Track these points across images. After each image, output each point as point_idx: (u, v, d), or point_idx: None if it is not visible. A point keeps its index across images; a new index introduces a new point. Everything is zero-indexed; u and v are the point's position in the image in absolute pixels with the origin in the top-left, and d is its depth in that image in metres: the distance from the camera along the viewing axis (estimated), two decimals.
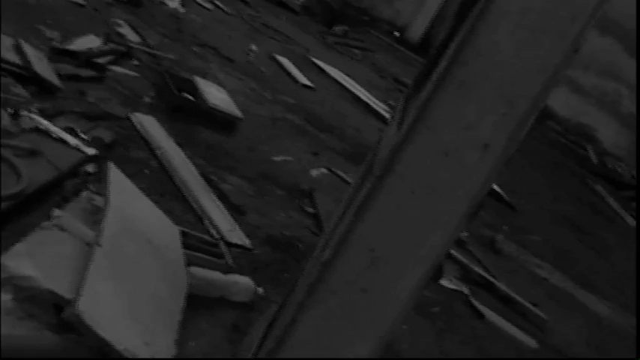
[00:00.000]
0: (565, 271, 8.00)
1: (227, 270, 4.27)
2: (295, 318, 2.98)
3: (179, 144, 5.63)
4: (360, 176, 3.68)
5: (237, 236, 4.81)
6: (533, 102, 2.71)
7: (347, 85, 9.90)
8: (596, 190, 13.27)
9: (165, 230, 4.15)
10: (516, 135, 2.74)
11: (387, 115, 9.61)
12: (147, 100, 6.15)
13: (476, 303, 5.82)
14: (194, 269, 4.02)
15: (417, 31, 15.62)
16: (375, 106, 9.68)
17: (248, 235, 4.94)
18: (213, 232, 4.74)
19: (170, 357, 3.31)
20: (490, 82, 2.70)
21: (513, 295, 6.39)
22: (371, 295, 2.95)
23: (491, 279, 6.37)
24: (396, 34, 15.27)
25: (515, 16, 2.65)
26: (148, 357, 3.17)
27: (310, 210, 5.83)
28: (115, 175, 4.10)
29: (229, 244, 4.67)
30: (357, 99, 9.68)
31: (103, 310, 3.11)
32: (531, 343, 5.85)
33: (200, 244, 4.38)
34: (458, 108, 2.72)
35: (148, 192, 4.65)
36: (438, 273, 3.21)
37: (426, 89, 2.75)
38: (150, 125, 5.64)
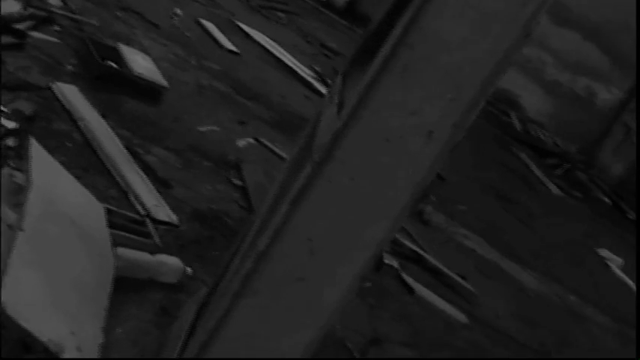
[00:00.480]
0: (492, 242, 8.01)
1: (154, 250, 4.13)
2: (230, 309, 2.86)
3: (103, 114, 5.44)
4: (296, 157, 3.56)
5: (164, 212, 4.66)
6: (481, 88, 2.62)
7: (272, 51, 9.74)
8: (520, 157, 13.34)
9: (90, 210, 3.99)
10: (463, 122, 2.65)
11: (313, 82, 9.48)
12: (69, 68, 5.93)
13: (406, 277, 5.76)
14: (121, 250, 3.87)
15: None
16: (301, 72, 9.54)
17: (174, 210, 4.80)
18: (139, 208, 4.58)
19: (97, 346, 3.17)
20: (436, 66, 2.60)
21: (442, 267, 6.35)
22: (308, 285, 2.85)
23: (421, 252, 6.32)
24: None
25: None
26: (75, 346, 3.03)
27: (238, 182, 5.70)
28: (36, 151, 3.91)
29: (155, 221, 4.52)
30: (282, 65, 9.52)
31: (26, 299, 2.95)
32: (461, 317, 5.83)
33: (126, 222, 4.22)
34: (402, 93, 2.62)
35: (71, 166, 4.48)
36: (379, 262, 3.14)
37: (369, 72, 2.63)
38: (72, 95, 5.43)
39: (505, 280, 7.34)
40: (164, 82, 6.33)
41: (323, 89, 9.42)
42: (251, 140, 6.64)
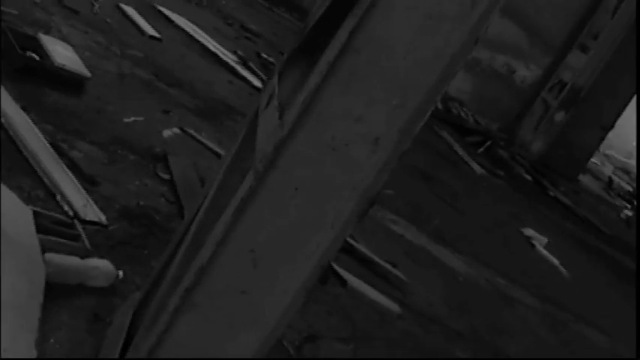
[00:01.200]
0: (420, 226, 7.99)
1: (84, 253, 4.00)
2: (171, 324, 2.75)
3: (24, 108, 5.26)
4: (233, 160, 3.45)
5: (92, 212, 4.52)
6: (428, 93, 2.55)
7: (195, 35, 9.57)
8: (443, 136, 13.38)
9: (17, 215, 3.84)
10: (410, 128, 2.58)
11: (236, 67, 9.34)
12: None
13: (338, 269, 5.69)
14: (49, 256, 3.73)
15: None
16: (224, 57, 9.40)
17: (103, 209, 4.66)
18: (67, 208, 4.43)
19: None
20: (382, 71, 2.52)
21: (373, 256, 6.31)
22: (252, 297, 2.76)
23: (352, 241, 6.26)
24: None
25: (411, 1, 2.47)
26: None
27: (165, 176, 5.56)
28: None
29: (84, 222, 4.38)
30: (205, 50, 9.37)
31: None
32: (394, 307, 5.79)
33: (54, 225, 4.08)
34: (348, 99, 2.53)
35: None
36: (325, 273, 3.03)
37: (313, 78, 2.54)
38: None
39: (435, 266, 7.33)
40: (87, 73, 6.16)
41: (247, 74, 9.29)
42: (176, 130, 6.50)
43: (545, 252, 10.39)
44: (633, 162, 25.45)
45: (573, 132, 16.16)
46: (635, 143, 24.93)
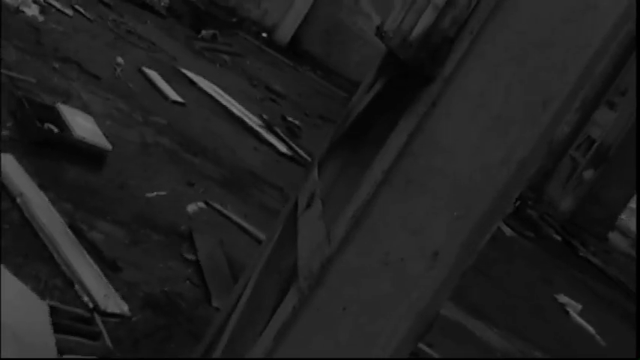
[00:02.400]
0: (456, 300, 7.66)
1: (105, 353, 3.70)
2: None
3: (42, 185, 5.00)
4: (267, 262, 3.17)
5: (114, 303, 4.23)
6: (494, 203, 2.25)
7: (219, 99, 9.33)
8: None
9: (32, 312, 3.55)
10: (474, 241, 2.27)
11: (261, 131, 9.09)
12: (4, 133, 5.47)
13: None
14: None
15: (285, 32, 15.14)
16: (249, 121, 9.15)
17: (125, 297, 4.37)
18: (87, 299, 4.14)
19: None
20: (443, 177, 2.22)
21: None
22: None
23: None
24: (264, 35, 14.74)
25: (476, 99, 2.18)
26: None
27: (190, 257, 5.27)
28: None
29: (105, 314, 4.09)
30: (230, 114, 9.12)
31: None
32: None
33: (72, 321, 3.79)
34: (404, 209, 2.24)
35: (10, 253, 4.06)
36: None
37: (365, 187, 2.25)
38: (9, 165, 4.98)
39: (472, 341, 6.99)
40: (107, 145, 5.90)
41: (272, 139, 9.04)
42: (201, 204, 6.22)
43: (580, 320, 10.03)
44: None
45: (603, 190, 15.83)
46: None
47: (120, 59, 8.55)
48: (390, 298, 2.31)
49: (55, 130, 5.71)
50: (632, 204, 18.92)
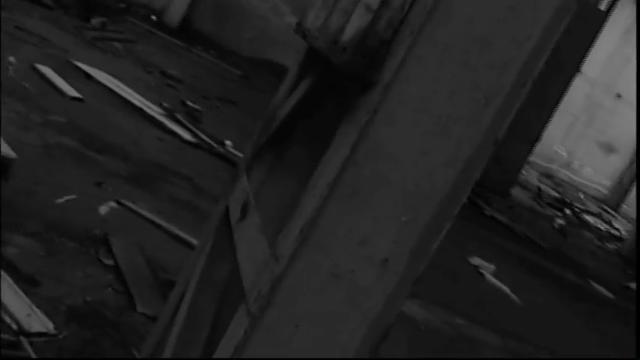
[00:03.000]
0: None
1: None
2: None
3: None
4: (202, 275, 3.07)
5: (38, 322, 4.08)
6: (442, 205, 2.19)
7: (117, 90, 9.12)
8: None
9: None
10: (423, 246, 2.22)
11: (164, 120, 8.92)
12: None
13: None
14: None
15: (175, 13, 14.89)
16: (149, 111, 8.97)
17: (48, 314, 4.22)
18: (9, 321, 3.98)
19: None
20: (389, 184, 2.16)
21: None
22: None
23: None
24: (154, 17, 14.47)
25: (418, 103, 2.12)
26: None
27: (109, 262, 5.13)
28: None
29: (30, 335, 3.94)
30: (130, 105, 8.91)
31: None
32: None
33: None
34: (350, 220, 2.17)
35: None
36: None
37: (310, 202, 2.17)
38: None
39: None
40: (11, 153, 5.67)
41: (175, 127, 8.87)
42: (113, 204, 6.06)
43: (494, 280, 10.16)
44: (554, 166, 25.50)
45: (503, 148, 15.94)
46: (555, 148, 25.02)
47: (12, 58, 8.26)
48: (342, 310, 2.25)
49: None
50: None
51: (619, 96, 24.85)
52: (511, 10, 2.10)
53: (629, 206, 25.31)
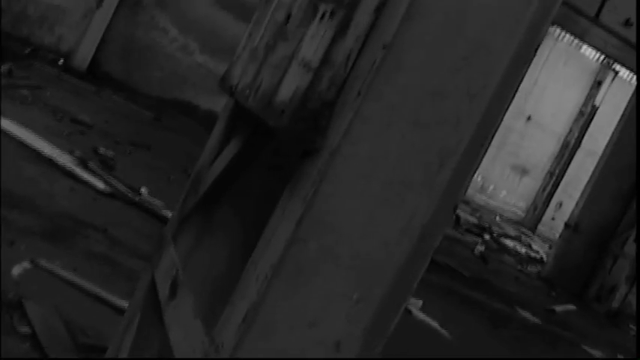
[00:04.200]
0: None
1: None
2: None
3: None
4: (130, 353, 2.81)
5: None
6: (396, 279, 1.99)
7: (27, 141, 8.75)
8: None
9: None
10: (379, 325, 2.01)
11: (76, 169, 8.58)
12: None
13: None
14: None
15: (83, 56, 14.52)
16: (61, 160, 8.62)
17: None
18: None
19: None
20: (337, 261, 1.94)
21: None
22: None
23: None
24: (61, 61, 14.09)
25: (367, 168, 1.91)
26: None
27: (25, 330, 4.80)
28: None
29: None
30: (40, 155, 8.56)
31: None
32: None
33: None
34: (297, 302, 1.94)
35: None
36: None
37: (253, 286, 1.95)
38: None
39: None
40: None
41: (88, 176, 8.54)
42: (26, 265, 5.72)
43: (422, 316, 10.00)
44: (470, 192, 25.62)
45: None
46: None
47: None
48: None
49: None
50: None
51: (529, 118, 25.12)
52: (464, 60, 1.90)
53: (544, 226, 25.58)
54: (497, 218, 24.57)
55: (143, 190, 8.89)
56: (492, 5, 1.91)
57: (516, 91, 1.98)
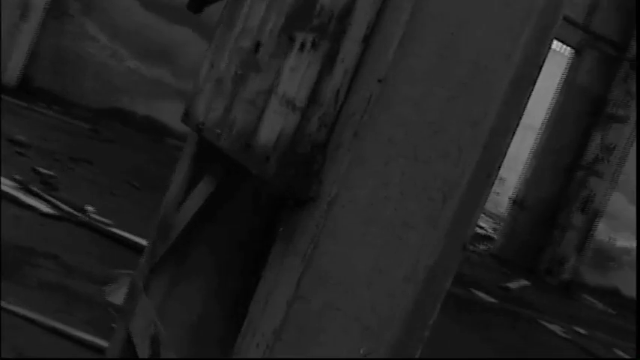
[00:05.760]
0: None
1: None
2: None
3: None
4: None
5: None
6: (405, 329, 1.82)
7: None
8: None
9: None
10: None
11: (17, 194, 8.28)
12: None
13: None
14: None
15: (12, 72, 14.14)
16: (2, 186, 8.31)
17: None
18: None
19: None
20: (341, 316, 1.78)
21: None
22: None
23: None
24: None
25: (366, 213, 1.74)
26: None
27: None
28: None
29: None
30: None
31: None
32: None
33: None
34: None
35: None
36: None
37: (249, 354, 1.76)
38: None
39: None
40: None
41: (32, 201, 8.25)
42: None
43: None
44: None
45: None
46: None
47: None
48: None
49: None
50: None
51: None
52: (463, 86, 1.73)
53: (488, 202, 25.59)
54: None
55: (89, 208, 8.63)
56: (488, 25, 1.75)
57: (521, 116, 1.81)
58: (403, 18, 1.65)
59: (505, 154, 1.79)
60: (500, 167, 1.77)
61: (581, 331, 13.21)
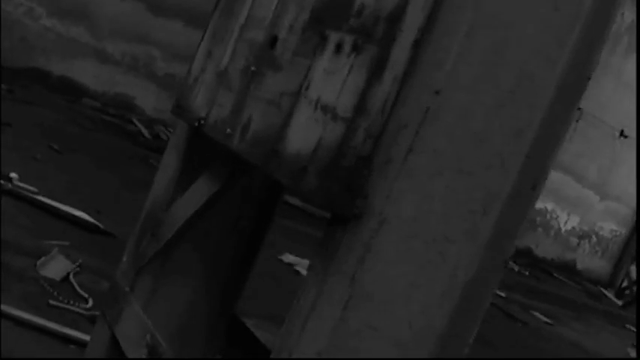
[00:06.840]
0: None
1: None
2: None
3: None
4: None
5: None
6: (439, 346, 1.75)
7: None
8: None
9: None
10: None
11: None
12: None
13: None
14: None
15: None
16: None
17: None
18: None
19: None
20: (379, 336, 1.70)
21: None
22: None
23: None
24: None
25: (410, 229, 1.65)
26: None
27: None
28: None
29: None
30: None
31: None
32: None
33: None
34: None
35: None
36: None
37: None
38: None
39: None
40: None
41: None
42: None
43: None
44: None
45: None
46: None
47: None
48: None
49: None
50: None
51: None
52: (510, 94, 1.64)
53: None
54: None
55: (13, 175, 8.32)
56: (534, 30, 1.65)
57: (567, 127, 1.73)
58: (464, 21, 1.55)
59: (551, 165, 1.70)
60: (546, 179, 1.69)
61: (501, 293, 13.32)
